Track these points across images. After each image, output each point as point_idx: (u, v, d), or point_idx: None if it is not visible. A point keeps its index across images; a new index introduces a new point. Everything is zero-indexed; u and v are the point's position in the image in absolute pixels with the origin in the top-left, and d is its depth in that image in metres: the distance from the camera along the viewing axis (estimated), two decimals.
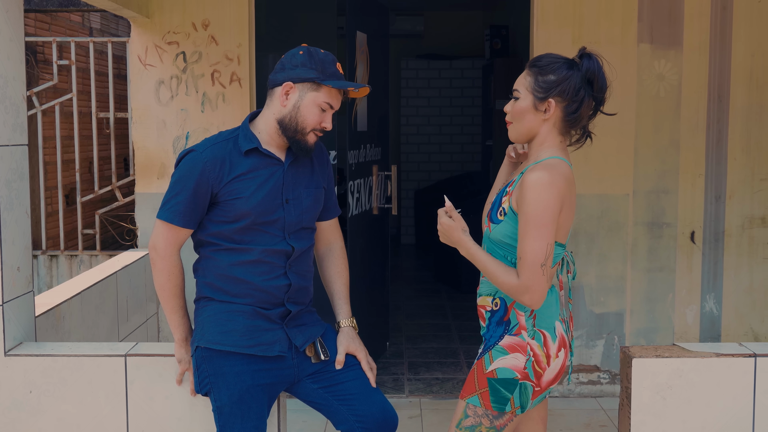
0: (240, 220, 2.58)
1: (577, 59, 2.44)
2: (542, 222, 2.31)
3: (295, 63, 2.59)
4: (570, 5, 4.68)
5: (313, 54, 2.59)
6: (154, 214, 4.78)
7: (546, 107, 2.42)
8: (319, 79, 2.56)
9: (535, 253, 2.31)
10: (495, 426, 2.45)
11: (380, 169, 5.48)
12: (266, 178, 2.60)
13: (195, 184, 2.55)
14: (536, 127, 2.45)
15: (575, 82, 2.40)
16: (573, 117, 2.43)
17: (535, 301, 2.35)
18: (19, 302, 2.92)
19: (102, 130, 6.20)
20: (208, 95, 4.81)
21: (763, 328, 4.83)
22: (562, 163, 2.40)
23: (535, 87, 2.42)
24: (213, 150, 2.58)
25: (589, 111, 2.46)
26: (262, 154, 2.61)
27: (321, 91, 2.57)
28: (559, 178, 2.34)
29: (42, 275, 5.67)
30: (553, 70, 2.41)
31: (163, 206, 2.60)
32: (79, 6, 6.78)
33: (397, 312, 6.90)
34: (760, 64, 4.71)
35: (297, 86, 2.57)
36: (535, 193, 2.31)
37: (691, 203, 4.77)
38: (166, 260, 2.61)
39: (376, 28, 5.44)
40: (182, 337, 2.70)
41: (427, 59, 10.54)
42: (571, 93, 2.40)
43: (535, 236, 2.31)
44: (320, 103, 2.58)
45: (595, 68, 2.42)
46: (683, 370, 2.75)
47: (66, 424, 2.80)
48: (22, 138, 2.96)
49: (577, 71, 2.41)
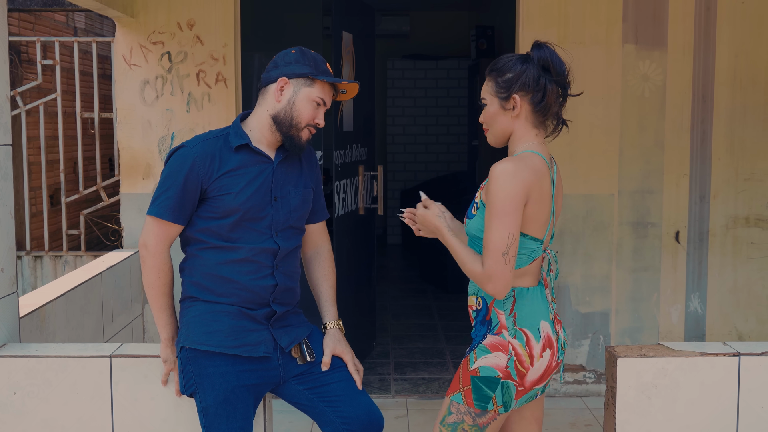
0: (228, 216, 2.58)
1: (530, 52, 2.49)
2: (504, 211, 2.33)
3: (288, 60, 2.64)
4: (555, 6, 4.69)
5: (305, 52, 2.66)
6: (139, 215, 4.79)
7: (513, 104, 2.46)
8: (313, 74, 2.61)
9: (496, 242, 2.33)
10: (478, 424, 2.45)
11: (366, 169, 5.48)
12: (255, 175, 2.61)
13: (184, 179, 2.56)
14: (509, 126, 2.49)
15: (532, 73, 2.45)
16: (541, 106, 2.47)
17: (498, 290, 2.37)
18: (3, 303, 2.91)
19: (87, 131, 6.17)
20: (193, 95, 4.79)
21: (747, 327, 4.86)
22: (533, 155, 2.43)
23: (497, 89, 2.47)
24: (203, 146, 2.60)
25: (557, 97, 2.49)
26: (252, 151, 2.63)
27: (315, 87, 2.62)
28: (524, 169, 2.37)
29: (26, 276, 5.64)
30: (509, 68, 2.47)
31: (153, 202, 2.61)
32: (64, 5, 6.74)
33: (384, 312, 6.90)
34: (744, 65, 4.74)
35: (291, 81, 2.62)
36: (498, 182, 2.34)
37: (676, 203, 4.79)
38: (156, 257, 2.61)
39: (361, 28, 5.44)
40: (168, 336, 2.69)
41: (413, 59, 10.54)
42: (532, 83, 2.45)
43: (497, 225, 2.33)
44: (314, 98, 2.62)
45: (546, 54, 2.47)
46: (668, 370, 2.76)
47: (50, 425, 2.78)
48: (6, 138, 2.95)
49: (531, 63, 2.47)
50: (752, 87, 4.75)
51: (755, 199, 4.80)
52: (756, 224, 4.82)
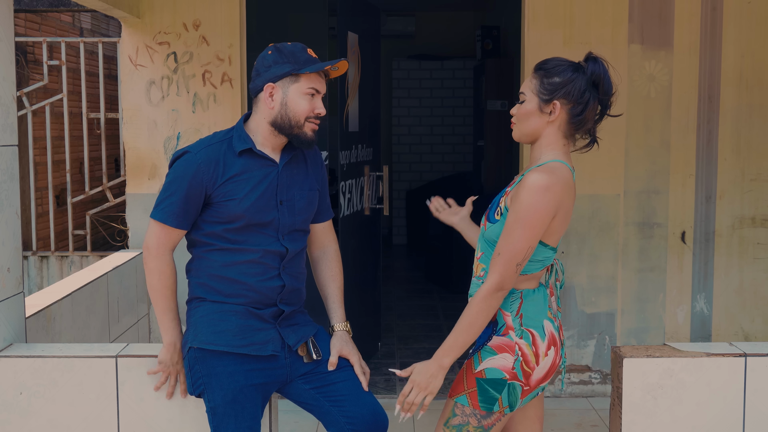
0: (234, 221, 2.58)
1: (583, 63, 2.46)
2: (530, 224, 2.32)
3: (267, 64, 2.61)
4: (561, 6, 4.68)
5: (281, 49, 2.62)
6: (145, 215, 4.79)
7: (551, 109, 2.42)
8: (295, 69, 2.58)
9: (514, 252, 2.33)
10: (483, 425, 2.45)
11: (372, 169, 5.48)
12: (260, 179, 2.61)
13: (188, 185, 2.55)
14: (540, 129, 2.45)
15: (580, 85, 2.41)
16: (578, 119, 2.43)
17: (503, 298, 2.39)
18: (10, 303, 2.91)
19: (93, 131, 6.18)
20: (199, 96, 4.80)
21: (753, 327, 4.85)
22: (564, 167, 2.40)
23: (541, 89, 2.43)
24: (207, 151, 2.59)
25: (595, 114, 2.47)
26: (256, 155, 2.62)
27: (301, 80, 2.59)
28: (557, 183, 2.34)
29: (32, 276, 5.65)
30: (558, 73, 2.42)
31: (157, 206, 2.60)
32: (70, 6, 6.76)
33: (389, 312, 6.90)
34: (750, 65, 4.73)
35: (278, 84, 2.59)
36: (530, 194, 2.32)
37: (682, 203, 4.78)
38: (158, 260, 2.60)
39: (367, 29, 5.44)
40: (170, 341, 2.67)
41: (418, 60, 10.54)
42: (576, 95, 2.41)
43: (520, 235, 2.32)
44: (304, 91, 2.59)
45: (600, 71, 2.44)
46: (674, 370, 2.76)
47: (56, 425, 2.79)
48: (12, 138, 2.95)
49: (583, 74, 2.43)
50: (758, 87, 4.74)
51: (761, 200, 4.79)
52: (762, 224, 4.81)
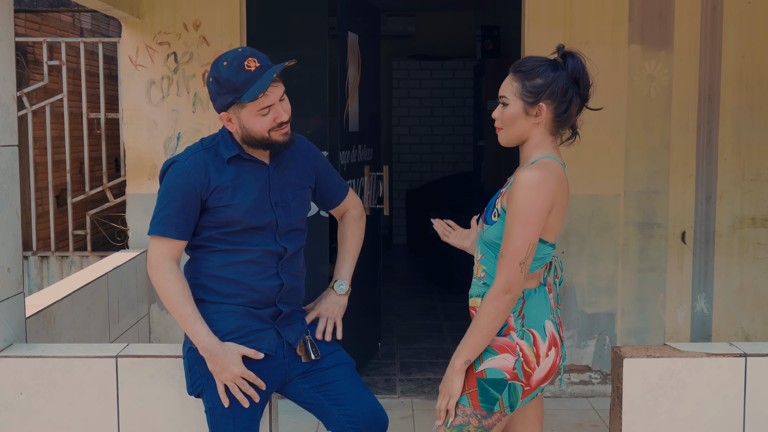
0: (231, 225, 2.58)
1: (560, 59, 2.44)
2: (528, 221, 2.32)
3: (213, 95, 2.56)
4: (561, 6, 4.69)
5: (218, 79, 2.53)
6: (145, 215, 4.79)
7: (537, 111, 2.41)
8: (237, 99, 2.51)
9: (516, 251, 2.32)
10: (483, 425, 2.45)
11: (372, 169, 5.48)
12: (252, 183, 2.60)
13: (182, 193, 2.53)
14: (528, 131, 2.45)
15: (563, 83, 2.40)
16: (563, 117, 2.44)
17: (514, 300, 2.37)
18: (10, 303, 2.91)
19: (93, 131, 6.18)
20: (199, 96, 4.79)
21: (754, 327, 4.85)
22: (555, 162, 2.41)
23: (524, 92, 2.41)
24: (195, 158, 2.57)
25: (577, 109, 2.47)
26: (245, 159, 2.61)
27: (247, 105, 2.52)
28: (550, 178, 2.35)
29: (32, 276, 5.65)
30: (539, 74, 2.40)
31: (153, 220, 2.56)
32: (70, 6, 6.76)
33: (389, 313, 6.90)
34: (750, 65, 4.73)
35: (229, 112, 2.55)
36: (525, 191, 2.32)
37: (682, 203, 4.78)
38: (159, 271, 2.55)
39: (367, 29, 5.44)
40: (203, 346, 2.53)
41: (418, 60, 10.54)
42: (560, 94, 2.40)
43: (519, 234, 2.32)
44: (256, 112, 2.52)
45: (579, 67, 2.43)
46: (674, 370, 2.76)
47: (56, 425, 2.79)
48: (12, 138, 2.95)
49: (563, 71, 2.41)
50: (759, 87, 4.74)
51: (762, 200, 4.79)
52: (762, 225, 4.81)
